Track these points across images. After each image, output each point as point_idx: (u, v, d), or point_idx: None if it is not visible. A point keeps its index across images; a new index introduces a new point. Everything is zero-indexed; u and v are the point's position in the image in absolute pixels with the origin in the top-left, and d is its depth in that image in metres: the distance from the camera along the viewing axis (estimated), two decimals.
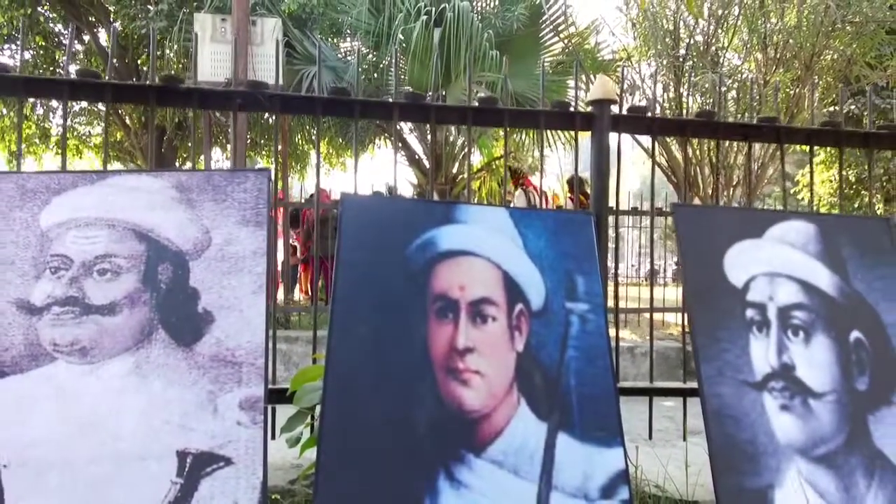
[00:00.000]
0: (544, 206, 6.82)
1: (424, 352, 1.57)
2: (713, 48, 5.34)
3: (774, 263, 1.84)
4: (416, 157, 7.15)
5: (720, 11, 5.29)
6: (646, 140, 4.91)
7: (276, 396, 1.76)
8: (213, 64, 5.15)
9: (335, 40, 7.18)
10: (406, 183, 8.18)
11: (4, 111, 9.06)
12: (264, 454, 1.39)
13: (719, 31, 5.43)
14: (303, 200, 6.17)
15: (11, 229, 1.59)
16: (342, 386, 1.49)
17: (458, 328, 1.61)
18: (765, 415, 1.65)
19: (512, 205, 7.27)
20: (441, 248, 1.70)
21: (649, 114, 1.89)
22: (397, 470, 1.45)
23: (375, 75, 6.57)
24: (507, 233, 1.77)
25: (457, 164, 6.87)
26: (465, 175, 6.96)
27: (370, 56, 6.20)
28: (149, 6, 7.74)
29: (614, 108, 1.86)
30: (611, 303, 5.45)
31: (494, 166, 7.14)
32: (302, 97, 1.73)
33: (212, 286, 1.57)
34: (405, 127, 7.70)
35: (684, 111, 5.45)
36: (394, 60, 1.87)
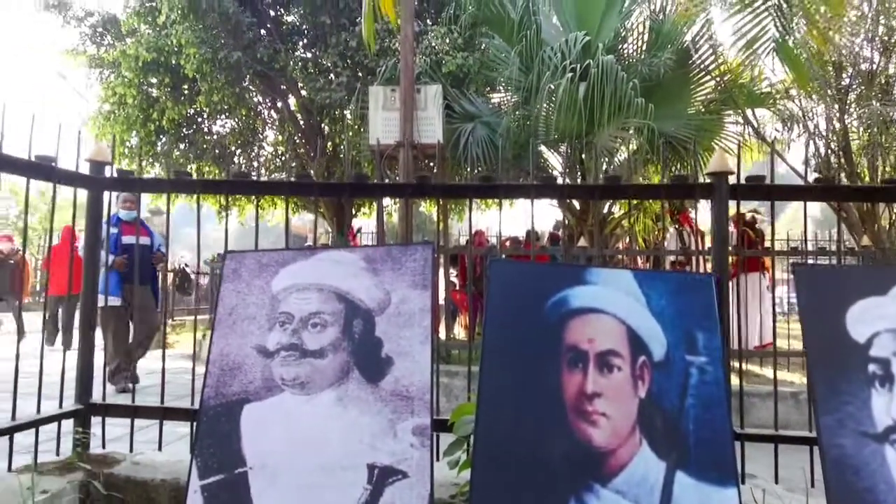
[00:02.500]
0: (701, 245, 6.73)
1: (558, 395, 1.88)
2: (881, 77, 5.06)
3: None
4: (567, 200, 7.45)
5: (887, 38, 5.02)
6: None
7: (439, 425, 2.17)
8: (384, 129, 5.91)
9: (489, 94, 7.78)
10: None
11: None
12: (431, 471, 1.78)
13: (889, 57, 5.14)
14: (461, 242, 6.75)
15: (252, 293, 2.18)
16: (491, 421, 1.86)
17: (587, 376, 1.90)
18: (885, 465, 1.73)
19: (666, 244, 7.24)
20: (573, 306, 2.01)
21: (767, 181, 2.06)
22: (536, 493, 1.77)
23: (528, 124, 7.02)
24: (631, 293, 2.04)
25: (608, 205, 7.04)
26: (616, 216, 7.09)
27: (518, 112, 6.68)
28: (331, 76, 8.95)
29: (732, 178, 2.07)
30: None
31: (647, 204, 7.17)
32: (458, 186, 2.17)
33: (391, 336, 2.02)
34: (556, 166, 8.06)
35: (850, 143, 5.20)
36: (531, 151, 2.25)
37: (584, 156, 6.58)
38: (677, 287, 2.04)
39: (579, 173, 6.97)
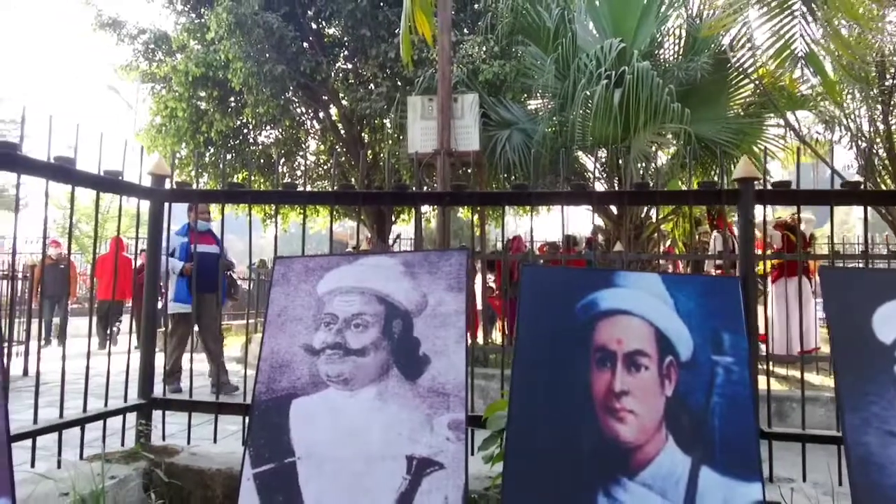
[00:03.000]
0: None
1: (588, 393, 1.98)
2: None
3: None
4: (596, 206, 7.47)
5: None
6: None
7: (474, 421, 2.29)
8: (422, 138, 6.07)
9: (526, 101, 7.88)
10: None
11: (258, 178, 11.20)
12: (466, 463, 1.89)
13: None
14: (499, 248, 6.87)
15: (300, 296, 2.33)
16: (522, 417, 1.96)
17: (615, 375, 1.99)
18: None
19: (711, 247, 7.19)
20: (602, 308, 2.10)
21: (793, 187, 2.12)
22: (565, 485, 1.87)
23: (564, 130, 7.09)
24: (659, 295, 2.12)
25: (645, 209, 7.04)
26: (654, 220, 7.08)
27: (555, 118, 6.75)
28: (371, 86, 9.19)
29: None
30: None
31: (686, 208, 7.14)
32: (492, 194, 2.29)
33: (428, 336, 2.15)
34: (589, 167, 8.09)
35: (895, 145, 5.11)
36: (561, 159, 2.35)
37: (620, 161, 6.62)
38: (704, 289, 2.11)
39: (616, 178, 7.00)
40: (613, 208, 7.00)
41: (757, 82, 6.31)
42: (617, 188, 6.47)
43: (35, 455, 2.25)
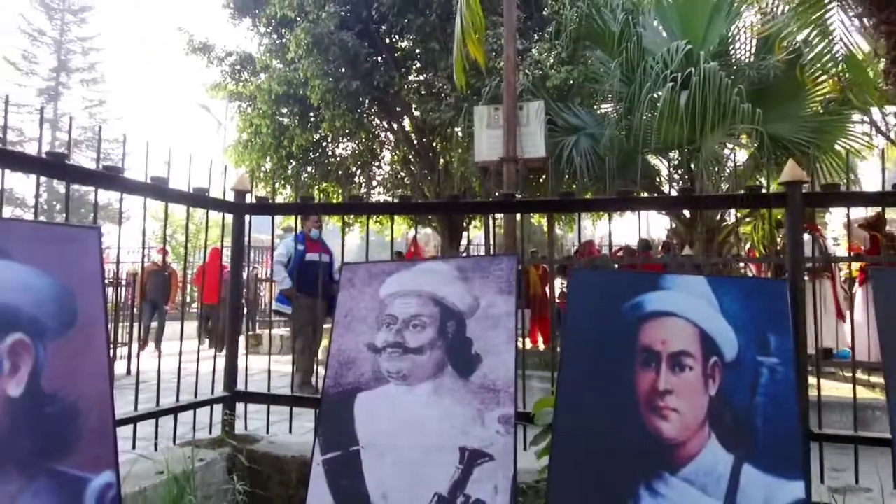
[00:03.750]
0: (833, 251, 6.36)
1: (632, 391, 2.06)
2: None
3: None
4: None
5: None
6: None
7: (526, 418, 2.41)
8: (489, 146, 6.22)
9: (594, 106, 7.88)
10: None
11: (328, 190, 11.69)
12: (514, 455, 2.01)
13: None
14: (571, 252, 6.89)
15: (364, 298, 2.54)
16: (568, 413, 2.07)
17: (659, 374, 2.06)
18: None
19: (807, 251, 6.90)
20: (648, 310, 2.17)
21: (842, 189, 2.12)
22: (609, 479, 1.96)
23: (634, 133, 7.04)
24: (705, 297, 2.17)
25: (719, 213, 6.87)
26: (729, 223, 6.91)
27: (623, 122, 6.72)
28: (442, 95, 9.45)
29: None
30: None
31: (763, 211, 6.92)
32: (539, 201, 2.41)
33: (480, 337, 2.29)
34: (663, 171, 7.94)
35: None
36: (607, 166, 2.44)
37: (692, 164, 6.51)
38: (750, 291, 2.14)
39: (689, 181, 6.87)
40: (686, 212, 6.88)
41: (837, 77, 6.04)
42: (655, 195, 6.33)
43: (136, 440, 2.57)
